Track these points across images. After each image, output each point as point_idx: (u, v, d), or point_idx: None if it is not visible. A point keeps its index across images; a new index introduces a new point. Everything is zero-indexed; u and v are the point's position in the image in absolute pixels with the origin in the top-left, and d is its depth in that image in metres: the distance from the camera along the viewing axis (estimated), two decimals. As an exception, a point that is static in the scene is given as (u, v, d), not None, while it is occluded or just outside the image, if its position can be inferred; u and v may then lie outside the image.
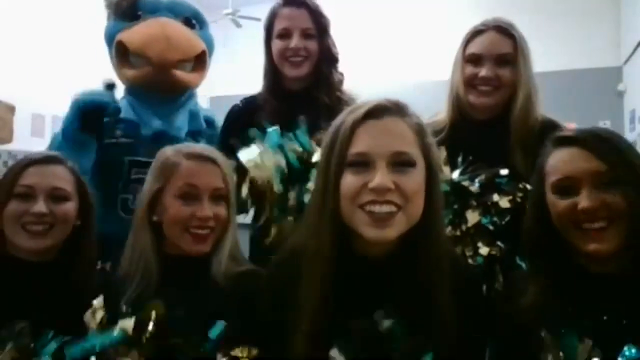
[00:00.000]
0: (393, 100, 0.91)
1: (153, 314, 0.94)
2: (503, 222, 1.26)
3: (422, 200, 0.86)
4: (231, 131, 1.60)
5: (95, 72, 1.90)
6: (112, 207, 1.60)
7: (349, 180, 0.85)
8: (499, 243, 1.27)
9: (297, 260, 0.91)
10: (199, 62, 1.81)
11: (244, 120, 1.55)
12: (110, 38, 1.78)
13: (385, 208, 0.83)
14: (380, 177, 0.82)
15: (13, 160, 6.03)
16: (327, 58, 1.56)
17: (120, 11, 1.76)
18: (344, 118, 0.89)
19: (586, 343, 0.85)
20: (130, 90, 1.77)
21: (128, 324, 0.94)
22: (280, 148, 1.32)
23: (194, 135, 1.72)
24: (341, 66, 1.64)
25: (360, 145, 0.85)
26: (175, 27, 1.73)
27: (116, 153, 1.65)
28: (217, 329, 0.96)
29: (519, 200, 1.25)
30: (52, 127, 5.97)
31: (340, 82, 1.61)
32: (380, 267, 0.88)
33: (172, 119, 1.71)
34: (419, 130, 0.90)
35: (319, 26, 1.54)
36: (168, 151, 1.14)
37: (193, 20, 1.83)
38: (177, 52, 1.71)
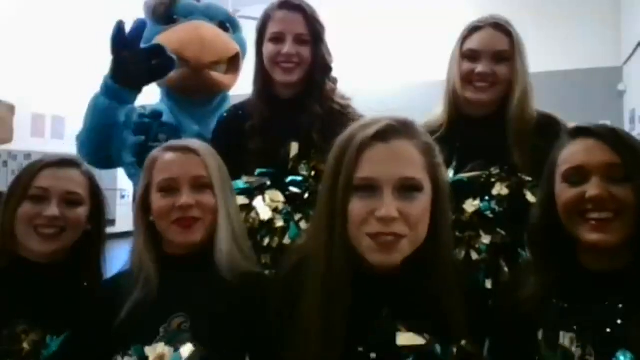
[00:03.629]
0: (401, 120, 0.90)
1: None
2: (502, 210, 1.28)
3: (427, 223, 0.88)
4: (221, 142, 1.50)
5: (95, 72, 1.91)
6: None
7: (356, 207, 0.86)
8: (499, 230, 1.28)
9: (302, 277, 0.92)
10: (233, 64, 1.85)
11: (233, 129, 1.51)
12: (147, 42, 1.79)
13: (390, 237, 0.85)
14: (387, 207, 0.83)
15: (13, 160, 6.04)
16: (320, 66, 1.48)
17: (157, 15, 1.82)
18: (351, 136, 0.89)
19: (579, 345, 0.86)
20: (168, 94, 1.82)
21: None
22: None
23: None
24: (340, 66, 1.59)
25: (366, 170, 0.86)
26: (210, 29, 1.78)
27: None
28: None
29: (515, 187, 1.28)
30: (52, 127, 5.98)
31: (333, 91, 1.52)
32: (388, 282, 0.90)
33: (208, 123, 1.71)
34: (427, 150, 0.90)
35: (314, 32, 1.45)
36: (156, 149, 1.14)
37: (227, 24, 1.89)
38: (212, 53, 1.75)
